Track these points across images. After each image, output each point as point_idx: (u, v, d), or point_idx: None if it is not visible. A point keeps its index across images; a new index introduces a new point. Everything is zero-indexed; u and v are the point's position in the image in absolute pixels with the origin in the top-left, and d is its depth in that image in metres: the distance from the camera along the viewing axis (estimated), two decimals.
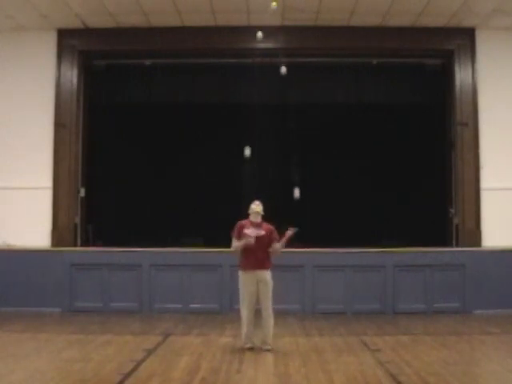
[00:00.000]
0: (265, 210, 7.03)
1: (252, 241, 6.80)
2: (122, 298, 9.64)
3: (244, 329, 6.92)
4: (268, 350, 6.77)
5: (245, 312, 6.89)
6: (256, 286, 6.85)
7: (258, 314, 6.94)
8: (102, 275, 9.71)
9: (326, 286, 9.60)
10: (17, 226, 10.03)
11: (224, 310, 9.34)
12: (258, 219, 7.00)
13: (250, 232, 6.86)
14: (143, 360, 6.31)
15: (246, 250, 6.87)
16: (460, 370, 5.98)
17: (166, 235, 10.47)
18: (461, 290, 9.63)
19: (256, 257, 6.84)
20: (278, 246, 6.93)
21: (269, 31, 10.10)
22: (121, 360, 6.31)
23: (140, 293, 9.69)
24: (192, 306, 9.58)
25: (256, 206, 7.02)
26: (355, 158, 11.04)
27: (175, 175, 11.06)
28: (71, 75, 10.47)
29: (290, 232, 6.86)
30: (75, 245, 10.32)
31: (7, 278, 9.66)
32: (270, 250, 6.94)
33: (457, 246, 10.20)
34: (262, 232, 6.92)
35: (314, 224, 10.80)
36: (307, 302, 9.63)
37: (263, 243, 6.90)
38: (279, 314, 9.11)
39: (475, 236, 10.08)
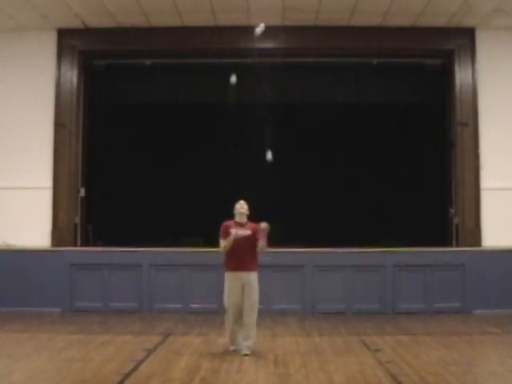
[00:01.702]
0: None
1: (237, 233, 6.63)
2: (122, 298, 9.64)
3: (228, 331, 6.83)
4: (246, 355, 6.54)
5: (229, 314, 6.75)
6: (241, 288, 6.69)
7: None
8: (102, 275, 9.72)
9: (326, 286, 9.60)
10: (17, 226, 10.03)
11: (224, 310, 9.32)
12: (243, 219, 6.89)
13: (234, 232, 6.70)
14: (143, 360, 6.31)
15: (232, 251, 6.70)
16: (460, 369, 5.98)
17: (166, 235, 10.47)
18: (461, 290, 9.63)
19: (241, 257, 6.68)
20: (260, 245, 6.74)
21: (269, 31, 10.10)
22: (121, 360, 6.31)
23: (140, 293, 9.70)
24: (192, 305, 9.59)
25: (240, 206, 6.88)
26: (355, 158, 11.04)
27: (175, 175, 11.05)
28: (71, 75, 10.46)
29: (262, 228, 6.69)
30: (75, 245, 10.32)
31: (7, 278, 9.66)
32: (258, 248, 6.77)
33: (457, 245, 10.20)
34: (248, 232, 6.76)
35: (314, 224, 10.83)
36: (307, 301, 9.63)
37: (249, 243, 6.72)
38: (279, 314, 9.18)
39: (475, 236, 10.08)
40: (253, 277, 6.75)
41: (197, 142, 11.04)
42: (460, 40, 10.40)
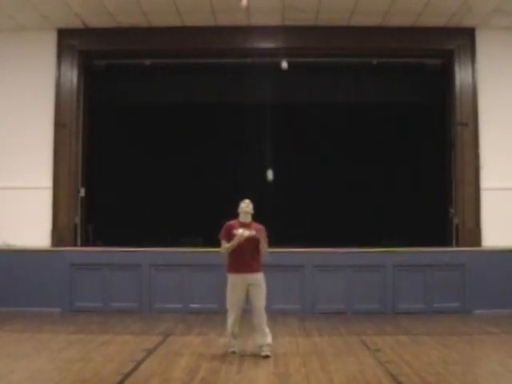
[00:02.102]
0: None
1: (244, 234, 6.45)
2: (122, 298, 9.64)
3: (229, 333, 6.73)
4: (267, 356, 6.46)
5: (232, 316, 6.64)
6: (245, 290, 6.56)
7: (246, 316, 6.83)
8: (102, 275, 9.72)
9: (326, 285, 9.60)
10: (17, 226, 10.03)
11: (224, 310, 9.30)
12: (248, 219, 6.66)
13: (241, 232, 6.51)
14: (143, 360, 6.31)
15: (236, 252, 6.52)
16: (460, 369, 5.99)
17: (166, 235, 10.47)
18: (461, 290, 9.63)
19: (246, 259, 6.51)
20: (261, 249, 6.60)
21: (269, 31, 10.11)
22: (121, 360, 6.32)
23: (140, 293, 9.69)
24: (192, 305, 9.59)
25: (246, 205, 6.61)
26: (355, 158, 11.04)
27: (175, 175, 11.06)
28: (71, 75, 10.46)
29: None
30: (75, 245, 10.32)
31: (7, 278, 9.66)
32: (261, 250, 6.61)
33: (457, 245, 10.19)
34: (253, 232, 6.55)
35: (313, 224, 10.83)
36: (307, 301, 9.63)
37: (254, 244, 6.51)
38: (279, 314, 9.17)
39: (475, 236, 10.07)
40: (259, 276, 6.60)
41: (197, 141, 11.04)
42: (460, 40, 10.39)
